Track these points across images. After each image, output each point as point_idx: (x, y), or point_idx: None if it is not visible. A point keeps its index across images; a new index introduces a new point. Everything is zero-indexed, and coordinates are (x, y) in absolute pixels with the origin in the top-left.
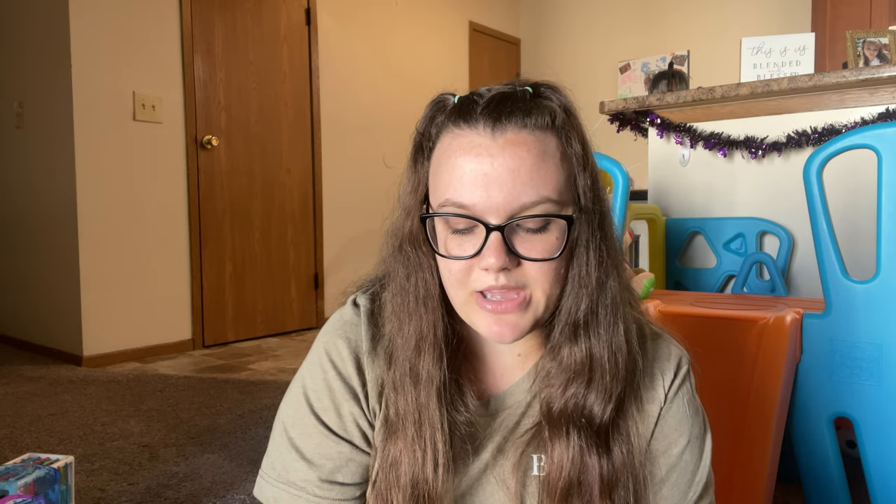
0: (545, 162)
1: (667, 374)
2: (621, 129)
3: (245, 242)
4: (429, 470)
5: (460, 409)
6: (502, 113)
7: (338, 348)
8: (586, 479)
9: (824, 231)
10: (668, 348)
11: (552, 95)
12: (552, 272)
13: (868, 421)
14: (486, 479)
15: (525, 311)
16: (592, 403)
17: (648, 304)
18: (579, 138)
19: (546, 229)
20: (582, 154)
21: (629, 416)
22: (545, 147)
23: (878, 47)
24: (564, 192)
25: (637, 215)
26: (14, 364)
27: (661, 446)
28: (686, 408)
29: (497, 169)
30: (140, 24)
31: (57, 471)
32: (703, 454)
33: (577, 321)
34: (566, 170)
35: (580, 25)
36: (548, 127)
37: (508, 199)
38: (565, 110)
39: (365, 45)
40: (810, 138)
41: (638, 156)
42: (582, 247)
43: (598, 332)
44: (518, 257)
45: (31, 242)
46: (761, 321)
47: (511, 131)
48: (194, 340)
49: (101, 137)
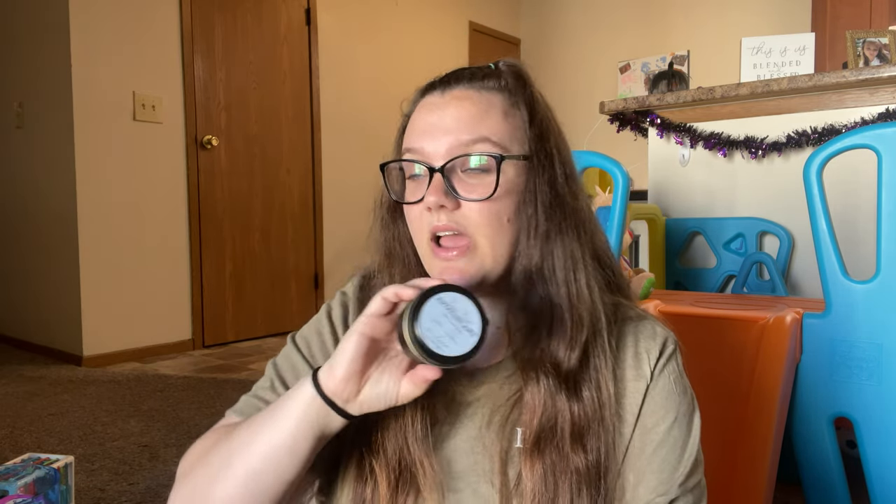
0: (488, 113)
1: (652, 353)
2: (621, 129)
3: (245, 242)
4: (410, 436)
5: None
6: (452, 78)
7: (332, 308)
8: (557, 423)
9: (824, 231)
10: (652, 328)
11: (505, 67)
12: (493, 217)
13: (868, 421)
14: (471, 450)
15: (472, 259)
16: (556, 349)
17: (648, 304)
18: (528, 102)
19: (487, 172)
20: (530, 115)
21: (599, 369)
22: (490, 101)
23: (878, 47)
24: (507, 140)
25: (637, 215)
26: (14, 364)
27: (650, 423)
28: (673, 385)
29: (443, 118)
30: (140, 24)
31: (57, 471)
32: (692, 432)
33: (530, 270)
34: (511, 123)
35: (580, 25)
36: (494, 88)
37: (451, 141)
38: (516, 77)
39: (365, 45)
40: (810, 138)
41: (638, 156)
42: (529, 198)
43: (555, 281)
44: (456, 197)
45: (32, 242)
46: (761, 321)
47: (458, 89)
48: (194, 340)
49: (101, 137)
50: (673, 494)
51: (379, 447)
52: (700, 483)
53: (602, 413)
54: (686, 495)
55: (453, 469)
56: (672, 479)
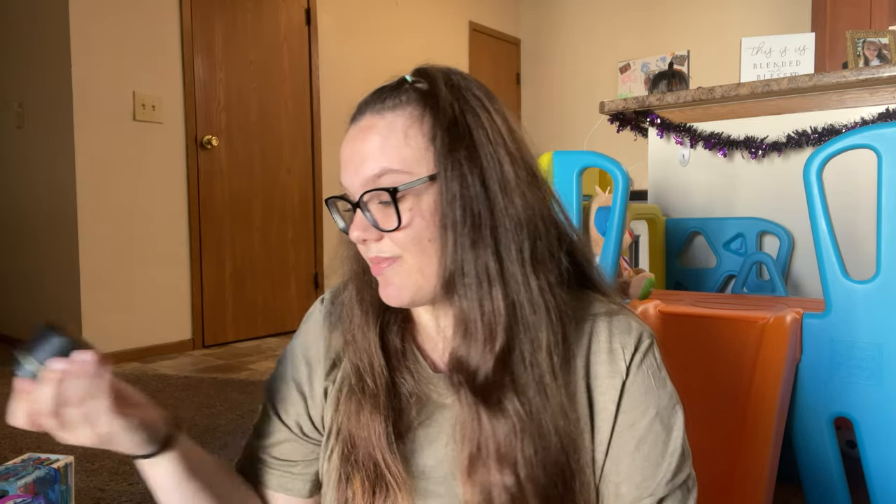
0: (388, 140)
1: (627, 348)
2: (621, 129)
3: (245, 242)
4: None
5: (406, 378)
6: (362, 105)
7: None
8: (481, 437)
9: (824, 231)
10: (627, 322)
11: (415, 78)
12: (413, 242)
13: (868, 421)
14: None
15: (405, 275)
16: (469, 362)
17: (648, 304)
18: (433, 113)
19: (401, 199)
20: (434, 128)
21: (539, 379)
22: (392, 125)
23: (878, 47)
24: (412, 163)
25: (637, 215)
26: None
27: (629, 419)
28: (651, 380)
29: (353, 154)
30: (140, 24)
31: (57, 471)
32: (674, 425)
33: (447, 280)
34: (414, 143)
35: (580, 25)
36: (397, 107)
37: (361, 177)
38: (424, 87)
39: (365, 45)
40: (810, 138)
41: (638, 156)
42: (447, 214)
43: (468, 291)
44: (377, 229)
45: (32, 242)
46: (761, 321)
47: (365, 119)
48: (194, 340)
49: (101, 137)
50: (661, 493)
51: (352, 454)
52: (689, 478)
53: (543, 424)
54: (674, 493)
55: (428, 472)
56: (656, 475)
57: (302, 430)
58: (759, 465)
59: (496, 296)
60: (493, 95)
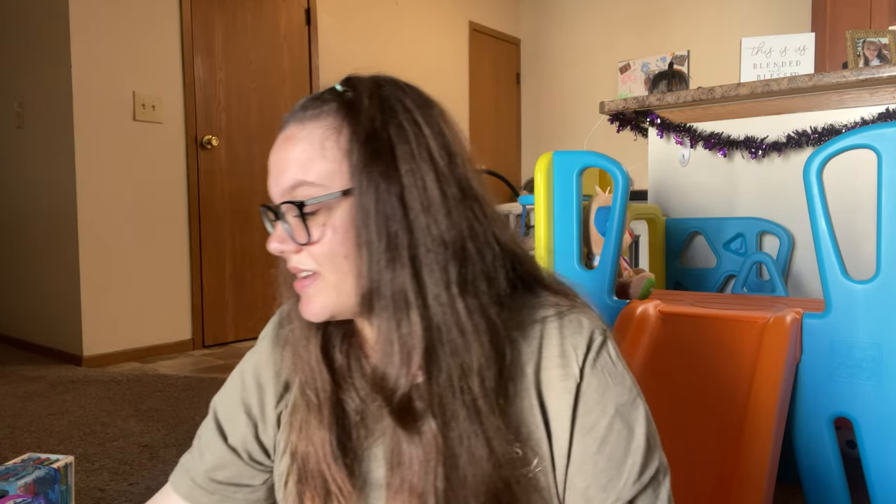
0: (306, 151)
1: (579, 349)
2: (621, 129)
3: (245, 242)
4: (324, 455)
5: (352, 393)
6: (289, 114)
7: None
8: (403, 455)
9: (824, 231)
10: (577, 321)
11: (343, 87)
12: (328, 258)
13: (868, 421)
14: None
15: (322, 290)
16: (386, 377)
17: (648, 304)
18: (352, 125)
19: (312, 216)
20: (351, 141)
21: (473, 401)
22: (311, 136)
23: (878, 47)
24: (328, 176)
25: (637, 215)
26: (14, 364)
27: (588, 422)
28: (607, 378)
29: (276, 163)
30: (140, 24)
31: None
32: (636, 421)
33: (365, 298)
34: (331, 155)
35: (580, 25)
36: (319, 117)
37: (278, 187)
38: (350, 97)
39: (365, 45)
40: (810, 138)
41: (638, 156)
42: (361, 231)
43: (385, 312)
44: (294, 242)
45: (31, 242)
46: (761, 321)
47: (289, 127)
48: (194, 340)
49: (101, 137)
50: (627, 496)
51: (303, 472)
52: (658, 470)
53: (473, 451)
54: (644, 492)
55: (378, 482)
56: (621, 476)
57: (250, 454)
58: (759, 465)
59: (413, 318)
60: (430, 106)
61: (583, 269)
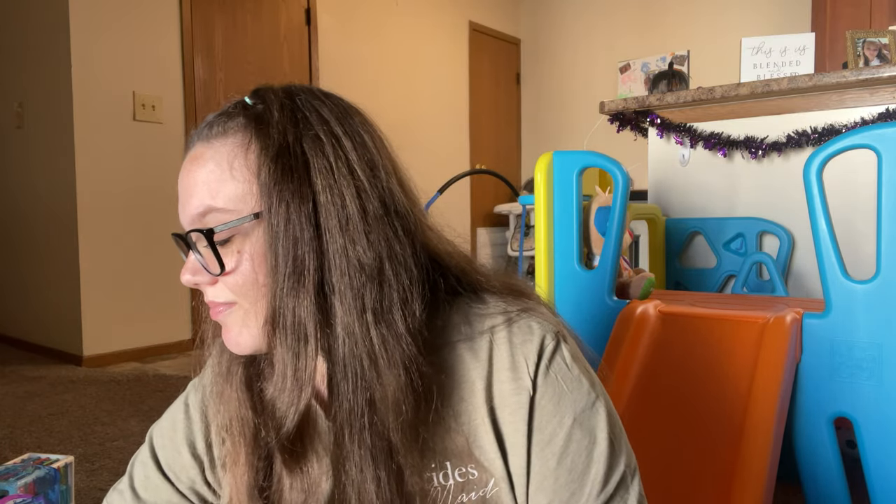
0: (213, 173)
1: (530, 358)
2: (621, 129)
3: None
4: (242, 494)
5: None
6: (195, 131)
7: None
8: (282, 500)
9: (824, 231)
10: (527, 326)
11: (252, 100)
12: (242, 286)
13: (868, 421)
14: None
15: (239, 321)
16: (275, 409)
17: (648, 304)
18: (261, 142)
19: (225, 243)
20: (259, 160)
21: (387, 436)
22: (219, 157)
23: (878, 47)
24: (237, 199)
25: (637, 215)
26: (14, 364)
27: (545, 436)
28: (562, 385)
29: (184, 188)
30: (140, 24)
31: (57, 471)
32: (597, 425)
33: (267, 326)
34: (240, 176)
35: (580, 25)
36: (226, 134)
37: (186, 215)
38: (257, 111)
39: (365, 45)
40: (810, 138)
41: (638, 156)
42: (268, 254)
43: (282, 342)
44: (207, 272)
45: (32, 242)
46: (761, 321)
47: (195, 147)
48: (194, 340)
49: (101, 137)
50: None
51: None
52: (625, 474)
53: (369, 490)
54: (612, 501)
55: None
56: (584, 486)
57: (201, 497)
58: (759, 465)
59: (310, 352)
60: (351, 115)
61: (583, 269)
